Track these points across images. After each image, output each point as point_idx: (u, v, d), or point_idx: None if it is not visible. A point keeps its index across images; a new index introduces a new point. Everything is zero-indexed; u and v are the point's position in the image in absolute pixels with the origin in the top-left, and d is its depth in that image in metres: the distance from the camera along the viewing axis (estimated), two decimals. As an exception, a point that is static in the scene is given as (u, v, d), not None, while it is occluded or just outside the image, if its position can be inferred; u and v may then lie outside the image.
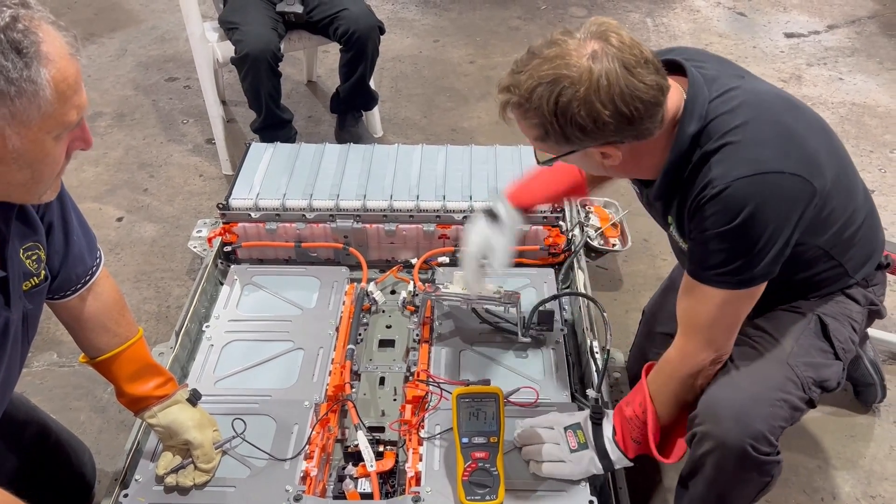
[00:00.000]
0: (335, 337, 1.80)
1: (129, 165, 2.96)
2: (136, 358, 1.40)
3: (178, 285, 2.39)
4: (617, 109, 1.14)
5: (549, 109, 1.15)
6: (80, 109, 0.97)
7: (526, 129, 1.25)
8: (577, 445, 1.42)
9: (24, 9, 0.90)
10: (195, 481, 1.42)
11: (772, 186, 1.19)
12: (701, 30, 3.98)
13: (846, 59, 3.69)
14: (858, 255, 1.41)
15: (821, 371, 1.36)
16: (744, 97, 1.25)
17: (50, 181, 1.02)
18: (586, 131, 1.17)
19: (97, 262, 1.35)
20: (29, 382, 2.04)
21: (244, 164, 2.24)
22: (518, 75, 1.19)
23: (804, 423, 1.95)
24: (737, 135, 1.21)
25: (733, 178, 1.18)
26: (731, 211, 1.19)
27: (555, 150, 1.25)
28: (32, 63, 0.89)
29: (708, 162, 1.22)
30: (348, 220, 2.06)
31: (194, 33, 2.69)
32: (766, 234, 1.20)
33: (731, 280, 1.25)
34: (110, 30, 3.95)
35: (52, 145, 0.96)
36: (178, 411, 1.41)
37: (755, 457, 1.29)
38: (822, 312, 1.42)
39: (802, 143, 1.24)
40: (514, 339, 1.76)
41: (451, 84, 3.53)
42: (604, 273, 2.45)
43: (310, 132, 3.16)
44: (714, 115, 1.23)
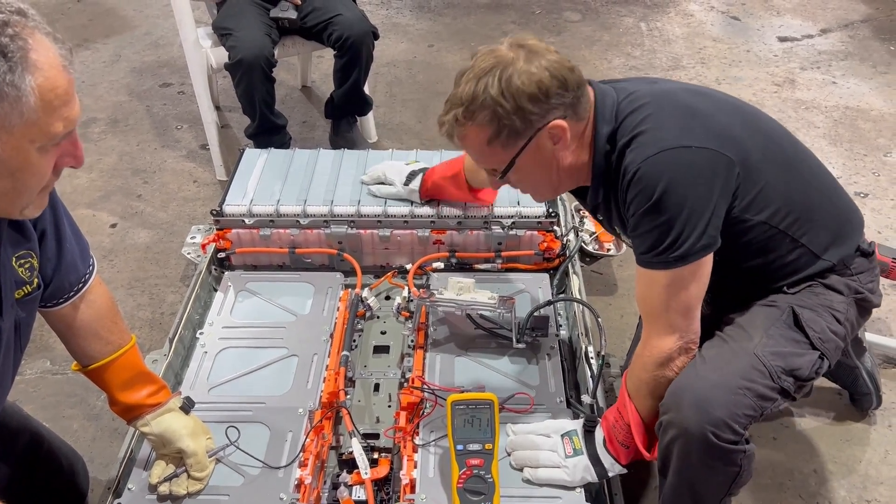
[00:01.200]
0: (329, 343, 1.79)
1: (122, 171, 2.95)
2: (128, 366, 1.39)
3: (172, 292, 2.38)
4: (552, 74, 1.29)
5: (497, 92, 1.27)
6: (69, 122, 0.96)
7: (474, 138, 1.34)
8: (573, 451, 1.45)
9: (19, 16, 0.90)
10: (188, 490, 1.41)
11: (679, 160, 1.28)
12: (695, 34, 3.99)
13: (839, 63, 3.70)
14: (823, 234, 1.43)
15: (790, 360, 1.36)
16: (650, 96, 1.37)
17: (33, 194, 1.01)
18: (535, 101, 1.28)
19: (90, 269, 1.35)
20: (22, 390, 2.03)
21: (238, 170, 2.23)
22: (454, 96, 1.33)
23: (799, 428, 1.96)
24: (644, 125, 1.33)
25: (642, 159, 1.29)
26: (647, 189, 1.28)
27: (509, 149, 1.34)
28: (17, 68, 0.88)
29: (624, 155, 1.33)
30: (342, 225, 2.05)
31: (188, 39, 2.68)
32: (686, 206, 1.27)
33: (668, 258, 1.30)
34: (104, 35, 3.94)
35: (36, 156, 0.96)
36: (171, 420, 1.41)
37: (717, 444, 1.29)
38: (798, 304, 1.43)
39: (707, 120, 1.34)
40: (509, 345, 1.75)
41: (445, 89, 3.47)
42: (599, 278, 2.45)
43: (304, 137, 3.15)
44: (623, 115, 1.36)
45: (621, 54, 3.79)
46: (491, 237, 2.05)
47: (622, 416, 1.42)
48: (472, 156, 1.46)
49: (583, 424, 1.46)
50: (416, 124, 3.27)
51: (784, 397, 1.36)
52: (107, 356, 1.37)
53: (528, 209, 2.06)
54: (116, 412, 1.41)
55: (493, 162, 1.40)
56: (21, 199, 1.01)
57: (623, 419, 1.41)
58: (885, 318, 2.25)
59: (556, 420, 1.53)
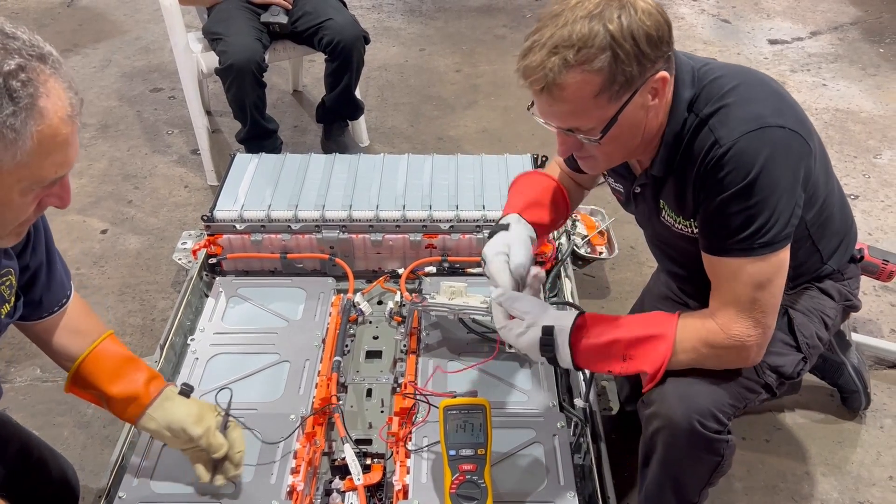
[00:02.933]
0: (321, 349, 1.79)
1: (113, 177, 2.94)
2: (112, 353, 1.38)
3: (163, 298, 2.37)
4: (663, 17, 1.16)
5: (617, 30, 1.11)
6: (61, 168, 0.97)
7: (581, 88, 1.14)
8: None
9: (38, 62, 0.91)
10: (236, 472, 1.40)
11: (778, 139, 1.19)
12: (685, 37, 4.00)
13: (829, 66, 3.72)
14: (833, 241, 1.43)
15: (776, 358, 1.38)
16: (724, 67, 1.29)
17: (9, 227, 1.02)
18: (652, 44, 1.14)
19: (70, 288, 1.38)
20: (12, 398, 2.02)
21: (229, 175, 2.22)
22: (554, 36, 1.13)
23: (791, 430, 1.96)
24: (731, 96, 1.22)
25: (740, 133, 1.18)
26: (744, 166, 1.17)
27: (614, 102, 1.17)
28: (21, 113, 0.89)
29: (706, 126, 1.22)
30: (334, 230, 2.05)
31: (178, 44, 2.67)
32: (780, 188, 1.18)
33: (753, 244, 1.20)
34: (94, 40, 3.92)
35: (18, 195, 0.96)
36: (172, 408, 1.37)
37: (702, 433, 1.30)
38: (792, 306, 1.44)
39: (793, 104, 1.27)
40: (502, 349, 1.75)
41: (437, 93, 3.53)
42: (591, 281, 2.45)
43: (295, 142, 3.15)
44: (703, 81, 1.26)
45: (612, 57, 3.80)
46: (483, 241, 2.04)
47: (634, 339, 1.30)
48: (566, 112, 1.19)
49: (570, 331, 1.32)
50: (409, 128, 3.27)
51: (766, 392, 1.38)
52: (87, 347, 1.36)
53: (519, 213, 2.06)
54: (117, 412, 1.37)
55: (593, 119, 1.19)
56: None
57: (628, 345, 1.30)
58: (875, 320, 2.26)
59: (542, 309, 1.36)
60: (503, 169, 2.24)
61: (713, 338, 1.27)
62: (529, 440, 1.54)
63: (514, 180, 1.67)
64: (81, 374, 1.37)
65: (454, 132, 3.23)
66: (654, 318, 1.33)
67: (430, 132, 3.23)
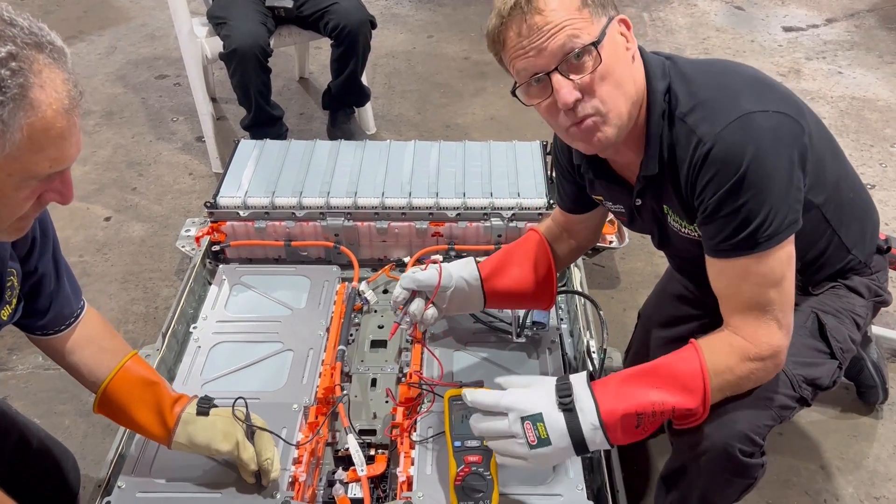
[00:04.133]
0: (325, 338, 1.75)
1: (117, 164, 2.92)
2: (137, 376, 1.35)
3: (166, 286, 2.34)
4: None
5: None
6: (57, 163, 0.92)
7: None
8: (537, 440, 1.17)
9: (34, 50, 0.86)
10: (267, 480, 1.37)
11: (763, 125, 1.12)
12: (698, 24, 3.94)
13: (845, 53, 3.65)
14: (854, 226, 1.36)
15: (812, 370, 1.32)
16: (691, 62, 1.24)
17: (5, 222, 0.97)
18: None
19: (82, 304, 1.36)
20: (13, 386, 2.00)
21: (232, 161, 2.19)
22: None
23: (806, 424, 1.92)
24: (706, 90, 1.17)
25: (721, 126, 1.12)
26: (732, 161, 1.11)
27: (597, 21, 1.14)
28: (9, 104, 0.84)
29: (686, 125, 1.17)
30: (339, 217, 2.01)
31: (182, 29, 2.64)
32: (776, 176, 1.11)
33: (758, 239, 1.13)
34: (99, 27, 3.90)
35: (12, 190, 0.92)
36: (195, 431, 1.34)
37: (738, 458, 1.24)
38: (821, 310, 1.37)
39: (772, 85, 1.21)
40: (510, 339, 1.72)
41: (445, 80, 3.48)
42: (601, 270, 2.41)
43: (301, 129, 3.11)
44: (673, 73, 1.21)
45: (623, 44, 3.74)
46: (490, 229, 2.01)
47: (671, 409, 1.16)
48: (555, 20, 1.12)
49: (557, 404, 1.17)
50: (416, 115, 3.23)
51: (802, 405, 1.32)
52: (112, 367, 1.34)
53: (528, 200, 2.02)
54: (147, 436, 1.37)
55: (584, 30, 1.12)
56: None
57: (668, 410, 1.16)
58: (893, 313, 2.21)
59: (517, 392, 1.22)
60: (511, 156, 2.20)
61: (745, 352, 1.17)
62: (537, 432, 1.51)
63: None
64: (109, 396, 1.34)
65: (462, 120, 3.19)
66: (673, 361, 1.20)
67: (437, 120, 3.19)
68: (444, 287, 1.45)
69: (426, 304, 1.46)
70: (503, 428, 1.19)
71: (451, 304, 1.50)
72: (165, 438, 1.35)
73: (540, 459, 1.18)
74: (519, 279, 1.53)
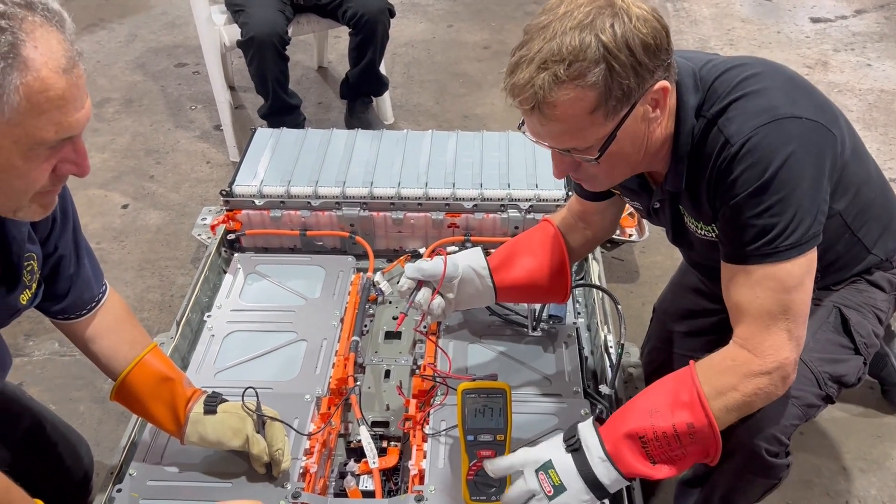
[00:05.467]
0: (339, 328, 1.74)
1: (135, 152, 2.92)
2: (154, 370, 1.35)
3: (182, 274, 2.35)
4: (660, 22, 1.06)
5: (610, 40, 1.01)
6: (63, 129, 0.89)
7: (574, 105, 1.04)
8: (553, 489, 1.16)
9: (24, 9, 0.83)
10: (278, 471, 1.37)
11: (794, 131, 1.08)
12: (723, 14, 3.86)
13: (874, 45, 3.56)
14: (875, 227, 1.32)
15: (838, 367, 1.29)
16: (727, 61, 1.19)
17: (24, 197, 0.95)
18: (650, 53, 1.04)
19: (103, 288, 1.35)
20: (29, 371, 2.01)
21: (249, 149, 2.18)
22: (542, 50, 1.03)
23: (827, 424, 1.87)
24: (739, 90, 1.13)
25: (751, 128, 1.08)
26: (760, 163, 1.07)
27: (611, 119, 1.07)
28: (0, 62, 0.81)
29: (716, 125, 1.12)
30: (355, 207, 2.00)
31: (200, 16, 2.63)
32: (803, 184, 1.07)
33: (778, 247, 1.08)
34: (120, 15, 3.90)
35: (20, 160, 0.88)
36: (205, 430, 1.34)
37: (766, 459, 1.22)
38: (843, 304, 1.34)
39: (809, 90, 1.17)
40: (525, 333, 1.69)
41: (464, 70, 3.45)
42: (620, 264, 2.37)
43: (319, 118, 3.10)
44: (708, 81, 1.16)
45: (646, 35, 3.68)
46: (507, 220, 1.98)
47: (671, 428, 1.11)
48: (560, 131, 1.10)
49: (563, 446, 1.18)
50: (434, 105, 3.20)
51: (827, 403, 1.29)
52: (132, 358, 1.33)
53: (546, 192, 2.00)
54: (162, 429, 1.37)
55: (589, 137, 1.09)
56: (8, 200, 0.95)
57: (668, 430, 1.11)
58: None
59: (528, 450, 1.21)
60: (530, 147, 2.17)
61: (748, 367, 1.11)
62: (552, 427, 1.48)
63: None
64: (126, 388, 1.34)
65: (480, 110, 3.16)
66: (666, 380, 1.17)
67: (455, 110, 3.16)
68: (449, 276, 1.42)
69: (432, 295, 1.43)
70: (522, 489, 1.18)
71: (460, 296, 1.46)
72: (178, 435, 1.35)
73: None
74: (531, 271, 1.48)
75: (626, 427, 1.13)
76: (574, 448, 1.15)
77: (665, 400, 1.13)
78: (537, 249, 1.49)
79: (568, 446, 1.16)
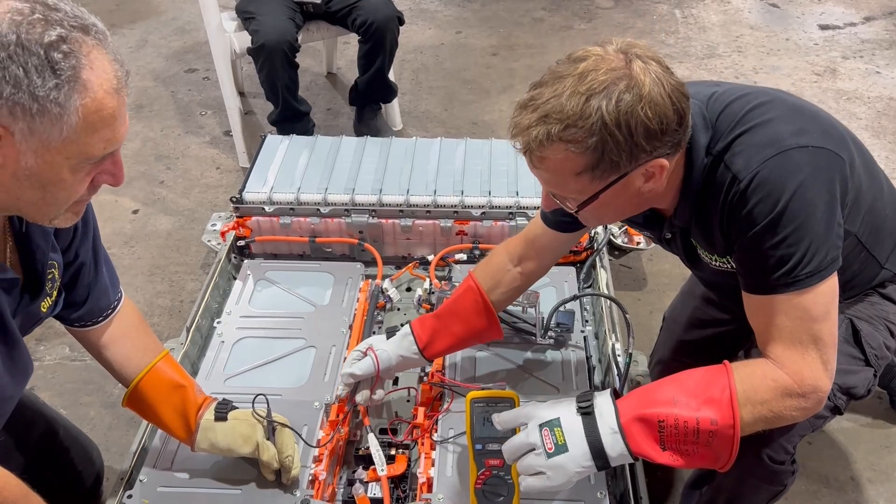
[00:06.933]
0: (348, 335, 1.75)
1: (146, 157, 2.94)
2: (166, 378, 1.36)
3: (192, 279, 2.36)
4: (675, 106, 1.05)
5: (612, 119, 1.02)
6: (110, 144, 0.94)
7: (562, 163, 1.07)
8: (555, 447, 1.14)
9: (80, 33, 0.88)
10: (287, 478, 1.38)
11: (802, 161, 1.08)
12: (731, 21, 3.86)
13: (884, 52, 3.56)
14: (888, 242, 1.32)
15: (847, 378, 1.28)
16: (731, 91, 1.19)
17: (63, 206, 0.99)
18: (651, 137, 1.05)
19: (119, 295, 1.36)
20: (40, 376, 2.02)
21: (259, 156, 2.20)
22: (549, 102, 1.05)
23: (836, 434, 1.87)
24: (743, 124, 1.13)
25: (758, 162, 1.09)
26: (771, 197, 1.07)
27: (596, 182, 1.09)
28: (64, 86, 0.86)
29: (722, 161, 1.13)
30: (364, 214, 2.01)
31: (211, 23, 2.65)
32: (816, 212, 1.08)
33: (799, 276, 1.08)
34: (131, 21, 3.93)
35: (69, 173, 0.93)
36: (216, 437, 1.35)
37: (770, 466, 1.23)
38: (855, 315, 1.34)
39: (814, 115, 1.18)
40: (533, 341, 1.70)
41: (472, 77, 3.46)
42: (627, 272, 2.37)
43: (328, 125, 3.11)
44: (715, 117, 1.16)
45: (655, 42, 3.68)
46: (516, 228, 1.99)
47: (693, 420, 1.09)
48: (545, 179, 1.14)
49: (577, 409, 1.16)
50: (442, 112, 3.21)
51: (834, 414, 1.30)
52: (144, 365, 1.35)
53: (554, 200, 2.00)
54: (183, 439, 1.38)
55: (572, 191, 1.13)
56: (50, 210, 0.99)
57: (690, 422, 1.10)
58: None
59: (539, 404, 1.23)
60: (538, 154, 2.17)
61: (787, 388, 1.10)
62: (560, 436, 1.48)
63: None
64: (138, 395, 1.36)
65: (489, 117, 3.16)
66: (700, 372, 1.15)
67: (464, 117, 3.17)
68: (383, 372, 1.48)
69: (371, 390, 1.49)
70: (521, 440, 1.17)
71: (394, 373, 1.54)
72: (189, 442, 1.36)
73: (557, 472, 1.13)
74: (459, 336, 1.49)
75: (647, 408, 1.11)
76: (586, 412, 1.14)
77: (694, 391, 1.11)
78: (463, 314, 1.49)
79: (580, 409, 1.15)
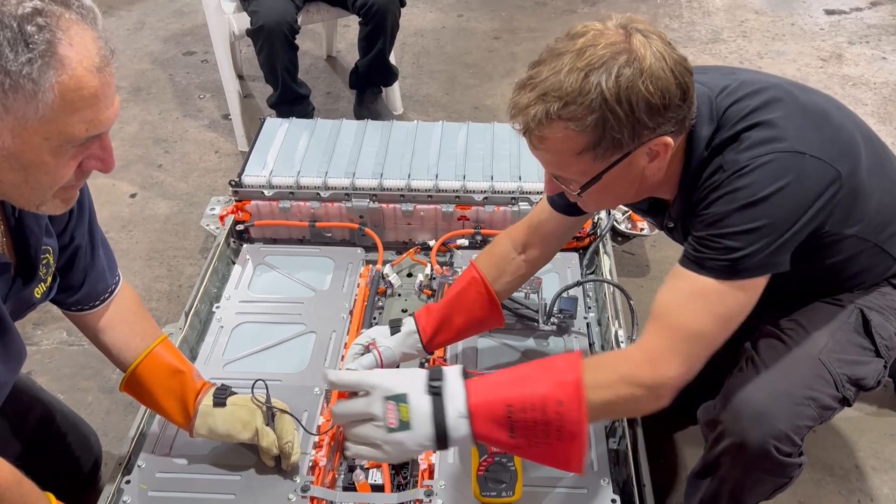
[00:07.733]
0: (349, 320, 1.73)
1: (143, 141, 2.91)
2: (164, 363, 1.34)
3: (190, 264, 2.34)
4: (677, 81, 1.03)
5: (611, 95, 1.00)
6: (94, 126, 0.89)
7: (563, 142, 1.05)
8: (398, 424, 1.07)
9: (60, 6, 0.83)
10: (287, 464, 1.37)
11: (794, 167, 1.08)
12: (736, 6, 3.82)
13: (890, 38, 3.52)
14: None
15: (857, 368, 1.26)
16: (746, 84, 1.17)
17: (48, 192, 0.95)
18: (653, 113, 1.03)
19: (117, 279, 1.34)
20: (38, 361, 2.01)
21: (258, 139, 2.17)
22: (547, 80, 1.03)
23: (840, 422, 1.86)
24: (750, 119, 1.12)
25: (748, 159, 1.08)
26: (754, 187, 1.07)
27: (599, 162, 1.08)
28: (38, 61, 0.81)
29: (721, 153, 1.12)
30: (364, 199, 1.98)
31: (210, 4, 2.62)
32: (791, 218, 1.08)
33: (738, 267, 1.08)
34: (129, 2, 3.89)
35: (50, 156, 0.89)
36: (215, 423, 1.33)
37: (776, 457, 1.20)
38: (865, 305, 1.31)
39: (824, 120, 1.15)
40: (536, 327, 1.68)
41: (474, 60, 3.42)
42: (630, 258, 2.35)
43: (328, 108, 3.08)
44: (722, 110, 1.15)
45: (659, 26, 3.64)
46: (518, 214, 1.97)
47: (540, 400, 1.05)
48: (546, 160, 1.13)
49: (427, 387, 1.08)
50: (444, 96, 3.18)
51: (843, 405, 1.28)
52: (142, 350, 1.33)
53: (558, 185, 1.98)
54: (171, 422, 1.37)
55: (574, 173, 1.11)
56: (34, 195, 0.95)
57: (536, 402, 1.05)
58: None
59: (387, 373, 1.19)
60: (541, 139, 2.15)
61: (633, 372, 1.09)
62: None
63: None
64: (135, 379, 1.34)
65: (491, 101, 3.13)
66: (550, 358, 1.15)
67: (465, 101, 3.14)
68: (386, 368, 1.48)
69: None
70: (361, 408, 1.08)
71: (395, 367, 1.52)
72: (187, 427, 1.35)
73: (395, 448, 1.07)
74: (462, 328, 1.49)
75: (496, 394, 1.07)
76: (436, 392, 1.07)
77: (542, 376, 1.08)
78: (467, 306, 1.48)
79: (431, 388, 1.08)
